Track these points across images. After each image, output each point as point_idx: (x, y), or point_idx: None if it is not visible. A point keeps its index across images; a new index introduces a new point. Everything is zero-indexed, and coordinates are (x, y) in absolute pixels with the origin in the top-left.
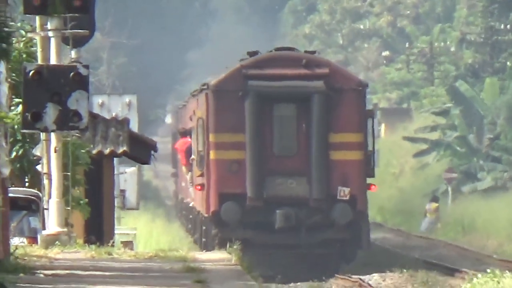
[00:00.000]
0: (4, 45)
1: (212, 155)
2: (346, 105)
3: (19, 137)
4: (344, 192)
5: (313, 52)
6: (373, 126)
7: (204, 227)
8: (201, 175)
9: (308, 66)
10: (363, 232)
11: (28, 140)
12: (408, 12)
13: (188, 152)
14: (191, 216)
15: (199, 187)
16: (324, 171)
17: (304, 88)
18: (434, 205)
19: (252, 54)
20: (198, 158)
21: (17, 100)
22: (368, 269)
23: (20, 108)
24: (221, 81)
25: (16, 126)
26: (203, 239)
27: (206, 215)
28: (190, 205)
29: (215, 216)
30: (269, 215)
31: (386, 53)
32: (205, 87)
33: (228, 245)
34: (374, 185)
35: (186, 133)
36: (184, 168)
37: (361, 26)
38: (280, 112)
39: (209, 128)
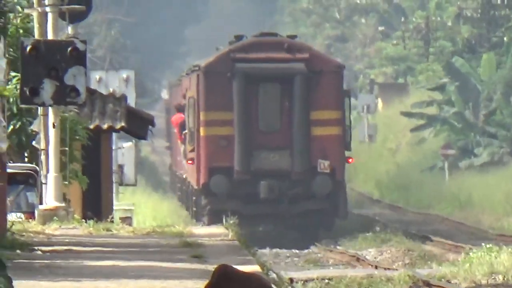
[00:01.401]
0: (1, 20)
1: (202, 131)
2: (325, 85)
3: (16, 111)
4: (324, 165)
5: (295, 37)
6: (350, 104)
7: (194, 198)
8: (192, 150)
9: (290, 50)
10: (341, 203)
11: (25, 114)
12: None
13: (182, 126)
14: (184, 188)
15: (190, 161)
16: (305, 145)
17: (287, 69)
18: None
19: (238, 38)
20: (189, 134)
21: (13, 74)
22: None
23: (15, 80)
24: (211, 63)
25: (12, 99)
26: (194, 209)
27: (196, 187)
28: (183, 177)
29: (205, 188)
30: (255, 187)
31: (382, 28)
32: (196, 68)
33: (224, 221)
34: (351, 158)
35: (180, 108)
36: (178, 142)
37: (358, 1)
38: (265, 91)
39: (199, 106)
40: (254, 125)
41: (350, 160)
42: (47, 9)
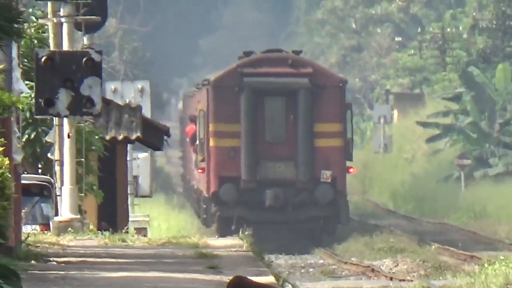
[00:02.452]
0: (14, 25)
1: (211, 142)
2: (328, 99)
3: (31, 121)
4: (326, 175)
5: (300, 52)
6: (351, 117)
7: (205, 206)
8: (203, 160)
9: (295, 65)
10: (342, 210)
11: (40, 123)
12: None
13: (194, 137)
14: (195, 196)
15: (200, 170)
16: (309, 156)
17: (292, 84)
18: None
19: (247, 53)
20: (199, 145)
21: (27, 82)
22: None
23: (30, 91)
24: (220, 78)
25: (25, 108)
26: (204, 216)
27: (206, 195)
28: (195, 186)
29: (214, 196)
30: (261, 195)
31: (398, 38)
32: (206, 82)
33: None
34: (352, 167)
35: (194, 120)
36: (191, 152)
37: (373, 11)
38: (271, 105)
39: (209, 118)
40: (260, 137)
41: (351, 170)
42: (62, 19)
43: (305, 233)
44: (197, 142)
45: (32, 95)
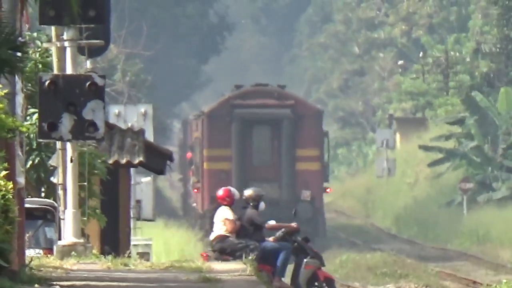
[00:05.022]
0: (19, 53)
1: (205, 165)
2: (307, 128)
3: (35, 146)
4: (306, 194)
5: (284, 87)
6: (328, 143)
7: (200, 221)
8: (198, 181)
9: (279, 98)
10: (320, 225)
11: (44, 149)
12: (423, 22)
13: (191, 161)
14: (193, 213)
15: (196, 190)
16: (291, 178)
17: (276, 114)
18: None
19: (238, 87)
20: (195, 168)
21: (32, 110)
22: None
23: (35, 117)
24: (213, 109)
25: (32, 135)
26: (199, 230)
27: (201, 212)
28: (192, 204)
29: (208, 213)
30: None
31: (401, 62)
32: (201, 113)
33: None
34: (329, 188)
35: (192, 147)
36: (190, 174)
37: (376, 35)
38: (258, 133)
39: (203, 144)
40: (248, 161)
41: (328, 190)
42: (66, 43)
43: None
44: (193, 165)
45: (34, 121)
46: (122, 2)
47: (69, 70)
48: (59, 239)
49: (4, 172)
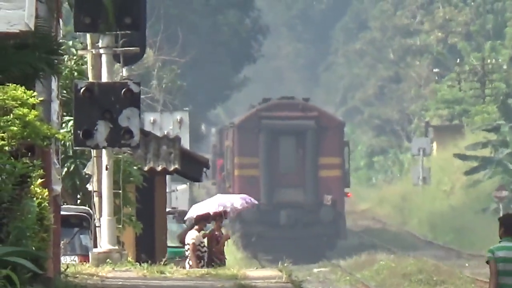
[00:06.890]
0: (55, 57)
1: (236, 172)
2: (330, 138)
3: (71, 154)
4: (328, 199)
5: (308, 99)
6: (349, 152)
7: (231, 224)
8: (229, 186)
9: (304, 110)
10: (341, 227)
11: (79, 156)
12: (460, 29)
13: (222, 168)
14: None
15: None
16: (315, 184)
17: (301, 126)
18: None
19: (265, 100)
20: (226, 174)
21: (67, 118)
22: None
23: (70, 124)
24: (243, 121)
25: (68, 144)
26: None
27: (232, 215)
28: None
29: (238, 216)
30: (276, 215)
31: (436, 70)
32: (232, 124)
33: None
34: (349, 193)
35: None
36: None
37: (411, 42)
38: (284, 142)
39: (234, 153)
40: (275, 168)
41: (348, 194)
42: (101, 50)
43: (311, 247)
44: (225, 172)
45: (70, 128)
46: (158, 9)
47: (104, 78)
48: (95, 246)
49: (40, 180)
